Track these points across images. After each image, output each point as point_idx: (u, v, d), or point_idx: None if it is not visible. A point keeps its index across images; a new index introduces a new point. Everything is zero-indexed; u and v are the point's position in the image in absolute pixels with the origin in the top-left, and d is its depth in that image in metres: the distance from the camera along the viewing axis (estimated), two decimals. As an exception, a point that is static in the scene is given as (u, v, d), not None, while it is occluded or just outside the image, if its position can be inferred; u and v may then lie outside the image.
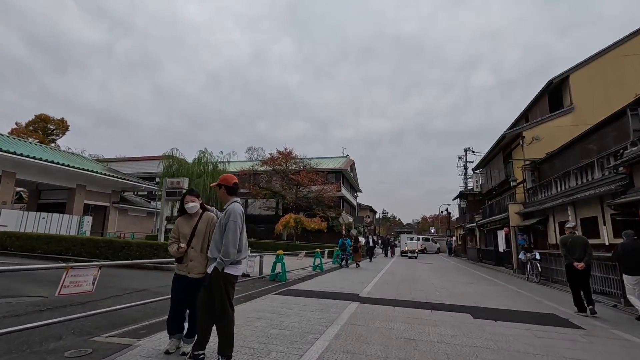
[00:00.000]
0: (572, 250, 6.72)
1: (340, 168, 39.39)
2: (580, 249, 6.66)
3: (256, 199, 34.58)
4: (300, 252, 12.53)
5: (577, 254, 6.65)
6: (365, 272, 13.61)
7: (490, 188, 22.60)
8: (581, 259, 6.56)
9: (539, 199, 14.71)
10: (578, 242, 6.79)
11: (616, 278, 8.37)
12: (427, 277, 12.69)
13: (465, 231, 31.71)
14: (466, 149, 43.12)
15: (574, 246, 6.74)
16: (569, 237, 7.02)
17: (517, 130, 17.39)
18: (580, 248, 6.67)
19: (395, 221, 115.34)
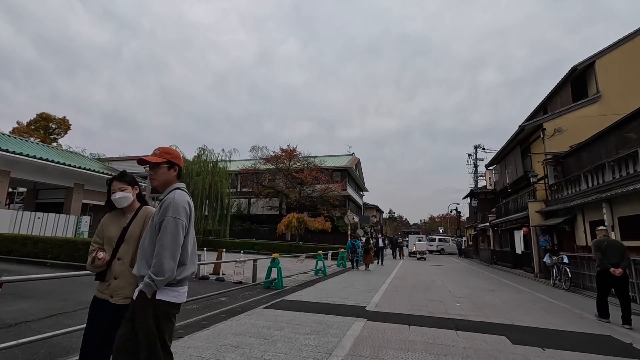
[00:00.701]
0: (608, 255, 6.12)
1: (345, 166, 38.12)
2: (617, 254, 6.08)
3: (259, 198, 33.46)
4: (300, 255, 11.32)
5: (613, 259, 6.05)
6: (372, 277, 12.37)
7: (505, 185, 21.20)
8: (618, 264, 5.99)
9: (565, 195, 13.33)
10: (614, 245, 6.23)
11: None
12: (441, 282, 11.41)
13: (476, 231, 30.26)
14: (476, 146, 41.64)
15: (610, 250, 6.14)
16: (603, 240, 6.39)
17: (537, 121, 16.00)
18: (618, 252, 6.09)
19: (401, 221, 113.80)
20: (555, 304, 8.07)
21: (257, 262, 9.11)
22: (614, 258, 6.07)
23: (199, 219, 23.61)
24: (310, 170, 30.48)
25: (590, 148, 12.58)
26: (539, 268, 14.56)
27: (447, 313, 6.29)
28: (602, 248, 6.25)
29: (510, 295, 9.15)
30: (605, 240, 6.41)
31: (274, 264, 8.75)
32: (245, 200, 37.74)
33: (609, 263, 6.06)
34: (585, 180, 11.75)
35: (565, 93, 16.85)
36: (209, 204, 24.81)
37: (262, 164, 33.35)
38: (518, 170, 17.92)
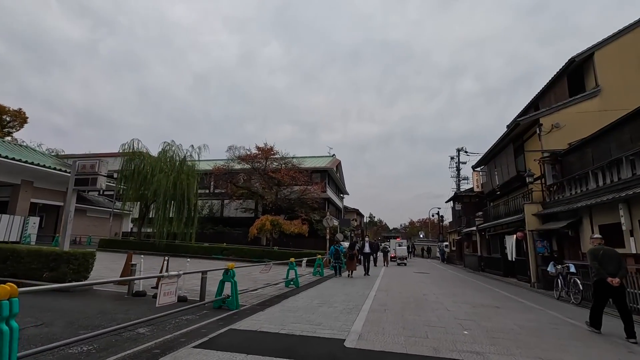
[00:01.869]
0: (605, 264, 5.88)
1: (325, 167, 36.36)
2: (614, 263, 5.86)
3: (232, 199, 31.15)
4: (267, 263, 9.33)
5: (610, 268, 5.81)
6: (353, 289, 10.54)
7: (493, 187, 19.91)
8: (615, 273, 5.74)
9: (567, 196, 11.95)
10: (611, 254, 5.99)
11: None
12: (434, 295, 9.69)
13: (461, 236, 29.04)
14: (459, 149, 40.91)
15: (607, 259, 5.91)
16: (599, 248, 6.15)
17: (533, 116, 14.68)
18: (615, 261, 5.87)
19: (381, 225, 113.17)
20: (582, 328, 6.45)
21: (206, 274, 7.08)
22: (611, 267, 5.81)
23: (161, 221, 21.21)
24: (287, 170, 28.48)
25: (598, 143, 11.25)
26: (536, 277, 13.13)
27: (457, 350, 4.51)
28: (598, 257, 5.97)
29: (521, 314, 7.49)
30: (601, 248, 6.12)
31: (227, 276, 6.77)
32: (218, 202, 35.34)
33: (607, 272, 5.78)
34: (594, 179, 10.36)
35: (560, 88, 15.65)
36: (175, 205, 22.41)
37: (237, 162, 31.11)
38: (510, 170, 16.59)
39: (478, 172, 22.80)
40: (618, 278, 5.71)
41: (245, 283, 10.52)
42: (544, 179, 13.94)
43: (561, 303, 9.51)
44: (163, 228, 21.39)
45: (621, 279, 5.76)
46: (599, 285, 5.95)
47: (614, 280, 5.70)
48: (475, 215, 26.19)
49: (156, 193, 20.77)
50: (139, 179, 22.48)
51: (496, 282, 15.33)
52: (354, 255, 14.80)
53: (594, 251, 6.15)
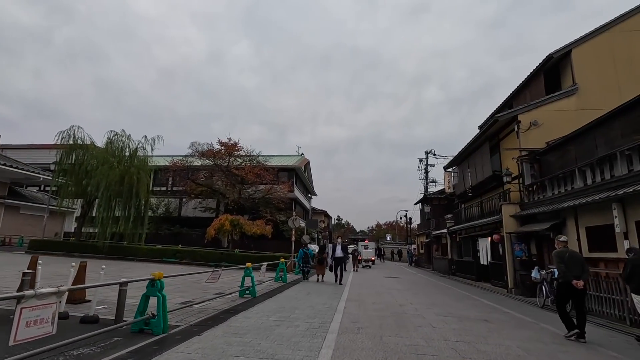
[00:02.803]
0: (571, 267, 5.95)
1: (293, 166, 34.79)
2: (578, 265, 5.97)
3: (191, 197, 28.76)
4: (215, 270, 7.62)
5: (575, 270, 5.90)
6: (319, 299, 9.08)
7: (465, 189, 19.27)
8: (579, 276, 5.84)
9: (549, 196, 11.20)
10: (576, 257, 6.15)
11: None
12: (412, 306, 8.44)
13: (430, 239, 28.48)
14: (427, 151, 40.76)
15: (572, 262, 6.00)
16: (565, 251, 6.22)
17: (512, 112, 14.00)
18: (579, 264, 6.00)
19: (349, 228, 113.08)
20: (596, 349, 5.37)
21: (126, 286, 5.31)
22: (576, 270, 5.88)
23: (104, 220, 18.72)
24: (252, 167, 26.62)
25: (582, 140, 10.56)
26: (513, 283, 12.33)
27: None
28: (564, 259, 6.00)
29: (518, 331, 6.35)
30: (567, 251, 6.20)
31: (152, 289, 5.07)
32: (176, 201, 32.74)
33: (572, 275, 5.83)
34: (581, 177, 9.59)
35: (536, 86, 15.16)
36: (122, 202, 19.92)
37: (198, 158, 28.79)
38: (485, 170, 15.89)
39: (449, 172, 22.21)
40: (582, 281, 5.78)
41: (192, 293, 8.80)
42: (522, 179, 13.24)
43: (549, 313, 8.56)
44: (107, 228, 18.89)
45: (585, 281, 5.85)
46: (563, 287, 6.04)
47: (578, 282, 5.74)
48: (444, 218, 25.67)
49: (97, 187, 18.27)
50: (80, 173, 19.84)
51: (470, 287, 14.46)
52: (323, 259, 13.85)
53: (560, 253, 6.13)
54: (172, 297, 8.06)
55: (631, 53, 13.91)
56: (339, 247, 13.09)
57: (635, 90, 9.97)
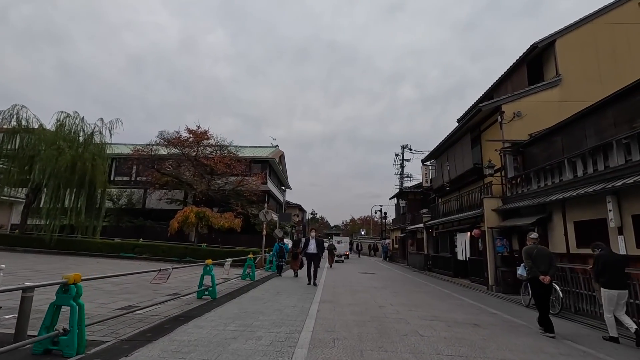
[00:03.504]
0: (538, 263, 5.98)
1: (267, 157, 33.35)
2: (546, 261, 6.00)
3: (156, 188, 26.82)
4: (164, 269, 6.32)
5: (543, 266, 5.93)
6: (289, 300, 8.05)
7: (444, 182, 18.76)
8: (546, 272, 5.87)
9: (534, 189, 10.66)
10: (544, 253, 6.15)
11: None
12: (392, 308, 7.57)
13: (405, 233, 28.07)
14: (404, 146, 40.36)
15: (540, 258, 6.03)
16: (533, 247, 6.21)
17: (495, 102, 13.43)
18: (546, 260, 6.02)
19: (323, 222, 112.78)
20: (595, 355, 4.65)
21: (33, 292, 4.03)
22: (543, 266, 5.96)
23: (52, 211, 16.82)
24: (222, 157, 25.09)
25: (570, 130, 10.04)
26: (494, 280, 11.79)
27: None
28: (532, 255, 6.10)
29: (515, 338, 5.58)
30: (535, 247, 6.23)
31: (64, 297, 3.84)
32: (140, 192, 30.60)
33: (539, 271, 5.91)
34: (571, 168, 9.03)
35: (519, 77, 14.70)
36: (75, 191, 17.99)
37: (164, 146, 26.86)
38: (466, 163, 15.33)
39: (427, 166, 21.69)
40: (549, 276, 5.85)
41: (142, 295, 7.56)
42: (505, 172, 12.71)
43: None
44: (55, 219, 17.00)
45: (552, 277, 5.93)
46: (534, 284, 6.12)
47: (545, 278, 5.83)
48: (419, 212, 25.26)
49: (45, 174, 16.31)
50: (24, 158, 17.73)
51: (449, 284, 13.88)
52: (298, 254, 13.28)
53: (529, 250, 6.21)
54: (113, 300, 6.81)
55: (613, 46, 13.65)
56: (313, 242, 11.24)
57: (617, 84, 9.52)
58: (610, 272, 5.66)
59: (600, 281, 5.83)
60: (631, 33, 13.71)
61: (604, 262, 5.73)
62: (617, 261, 5.81)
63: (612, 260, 5.77)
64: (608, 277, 5.66)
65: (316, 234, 11.83)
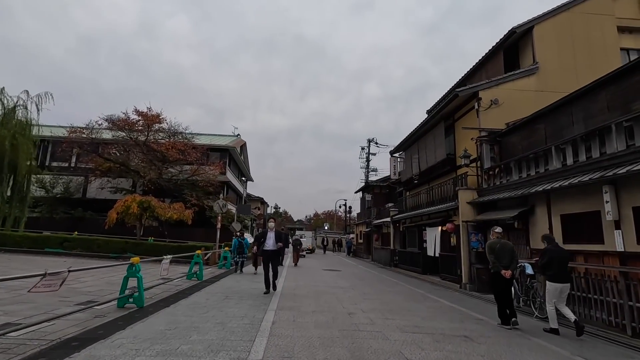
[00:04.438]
0: (501, 257, 6.08)
1: (227, 145, 31.11)
2: (508, 256, 6.09)
3: (98, 175, 23.85)
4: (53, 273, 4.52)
5: (505, 261, 6.04)
6: (237, 309, 6.53)
7: (413, 175, 17.91)
8: (508, 266, 6.01)
9: (515, 180, 9.83)
10: (507, 248, 6.21)
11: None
12: (365, 317, 6.29)
13: (370, 228, 27.24)
14: (370, 139, 39.68)
15: (502, 252, 6.11)
16: (497, 242, 6.33)
17: (473, 88, 12.56)
18: (508, 254, 6.11)
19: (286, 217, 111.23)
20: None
21: None
22: (505, 260, 6.03)
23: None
24: (175, 142, 22.74)
25: (555, 116, 9.27)
26: (468, 277, 10.95)
27: None
28: (495, 250, 6.15)
29: (518, 355, 4.45)
30: (498, 242, 6.29)
31: None
32: (81, 180, 27.27)
33: (501, 265, 5.99)
34: (558, 156, 8.21)
35: (495, 64, 13.99)
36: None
37: (109, 128, 23.93)
38: (438, 153, 14.46)
39: (396, 157, 20.79)
40: (510, 271, 5.96)
41: (41, 304, 5.73)
42: (481, 162, 11.90)
43: (528, 319, 7.01)
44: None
45: (513, 271, 6.05)
46: (495, 278, 6.15)
47: (507, 272, 5.93)
48: (385, 206, 24.51)
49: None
50: None
51: (420, 282, 12.94)
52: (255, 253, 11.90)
53: (492, 244, 6.28)
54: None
55: (589, 36, 13.26)
56: (272, 235, 8.23)
57: (592, 76, 8.92)
58: (557, 266, 5.75)
59: (547, 274, 5.91)
60: (605, 25, 13.41)
61: (550, 256, 5.83)
62: (563, 257, 5.90)
63: (559, 256, 5.85)
64: (554, 272, 5.76)
65: (276, 225, 8.89)
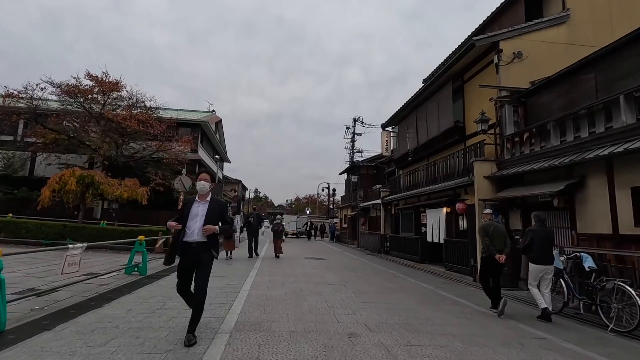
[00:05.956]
0: (495, 241, 5.80)
1: (199, 120, 28.00)
2: (501, 239, 5.83)
3: (38, 148, 20.45)
4: None
5: (498, 244, 5.78)
6: (164, 333, 4.07)
7: (407, 151, 15.68)
8: (502, 250, 5.73)
9: (554, 146, 7.64)
10: (500, 231, 5.95)
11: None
12: (372, 338, 3.97)
13: (356, 212, 25.07)
14: (355, 118, 37.30)
15: (496, 236, 5.83)
16: (490, 224, 6.01)
17: (492, 37, 10.20)
18: (501, 238, 5.85)
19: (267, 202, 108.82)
20: None
21: None
22: (498, 244, 5.78)
23: None
24: (131, 111, 19.58)
25: (612, 61, 7.03)
26: (485, 268, 8.82)
27: None
28: (489, 233, 5.84)
29: None
30: (492, 224, 6.01)
31: None
32: (27, 155, 23.67)
33: (495, 249, 5.72)
34: (630, 107, 6.00)
35: (516, 10, 11.69)
36: None
37: (57, 95, 20.39)
38: (443, 121, 12.18)
39: (388, 132, 18.45)
40: (505, 255, 5.70)
41: None
42: (500, 128, 9.68)
43: (590, 330, 4.89)
44: None
45: (506, 255, 5.73)
46: (486, 262, 5.90)
47: (501, 257, 5.66)
48: (374, 188, 22.39)
49: None
50: None
51: (421, 273, 10.80)
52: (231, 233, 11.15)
53: (486, 227, 5.98)
54: None
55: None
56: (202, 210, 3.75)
57: (630, 27, 7.00)
58: (539, 247, 5.49)
59: (530, 256, 5.67)
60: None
61: (532, 237, 5.58)
62: (546, 237, 5.58)
63: (542, 236, 5.55)
64: (537, 253, 5.51)
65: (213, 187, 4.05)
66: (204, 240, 3.67)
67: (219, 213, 3.86)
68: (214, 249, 3.75)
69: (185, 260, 3.69)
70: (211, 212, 3.75)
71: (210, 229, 3.62)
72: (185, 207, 3.79)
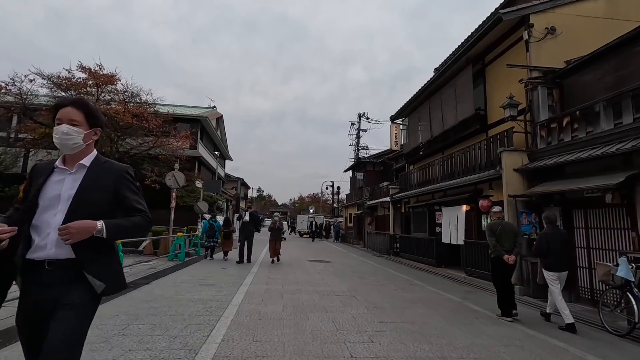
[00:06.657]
0: (503, 241, 5.47)
1: (198, 116, 26.96)
2: (511, 239, 5.50)
3: (26, 144, 19.45)
4: None
5: (507, 244, 5.47)
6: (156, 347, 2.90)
7: (418, 144, 14.46)
8: (511, 250, 5.43)
9: (607, 130, 6.39)
10: (508, 230, 5.59)
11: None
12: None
13: (362, 210, 23.85)
14: (360, 114, 36.06)
15: (504, 235, 5.50)
16: (497, 223, 5.68)
17: (521, 10, 8.94)
18: (511, 237, 5.51)
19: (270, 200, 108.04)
20: None
21: None
22: (507, 244, 5.46)
23: None
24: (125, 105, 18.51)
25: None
26: (517, 276, 7.61)
27: None
28: (496, 233, 5.52)
29: None
30: (500, 223, 5.64)
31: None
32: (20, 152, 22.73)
33: (503, 249, 5.42)
34: None
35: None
36: None
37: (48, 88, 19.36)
38: (461, 109, 10.94)
39: (398, 124, 17.22)
40: (514, 256, 5.42)
41: None
42: (531, 114, 8.44)
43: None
44: None
45: (516, 256, 5.51)
46: (496, 264, 5.56)
47: (510, 257, 5.38)
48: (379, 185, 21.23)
49: None
50: None
51: (439, 279, 9.58)
52: (230, 232, 12.43)
53: (493, 226, 5.69)
54: None
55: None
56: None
57: None
58: (558, 252, 5.15)
59: (545, 262, 5.27)
60: None
61: (548, 240, 5.18)
62: (565, 240, 5.35)
63: (561, 239, 5.26)
64: (555, 258, 5.15)
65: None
66: (71, 256, 1.57)
67: (112, 191, 1.72)
68: (101, 274, 1.64)
69: (30, 304, 1.59)
70: (89, 191, 1.66)
71: (83, 228, 1.53)
72: (33, 185, 1.69)
